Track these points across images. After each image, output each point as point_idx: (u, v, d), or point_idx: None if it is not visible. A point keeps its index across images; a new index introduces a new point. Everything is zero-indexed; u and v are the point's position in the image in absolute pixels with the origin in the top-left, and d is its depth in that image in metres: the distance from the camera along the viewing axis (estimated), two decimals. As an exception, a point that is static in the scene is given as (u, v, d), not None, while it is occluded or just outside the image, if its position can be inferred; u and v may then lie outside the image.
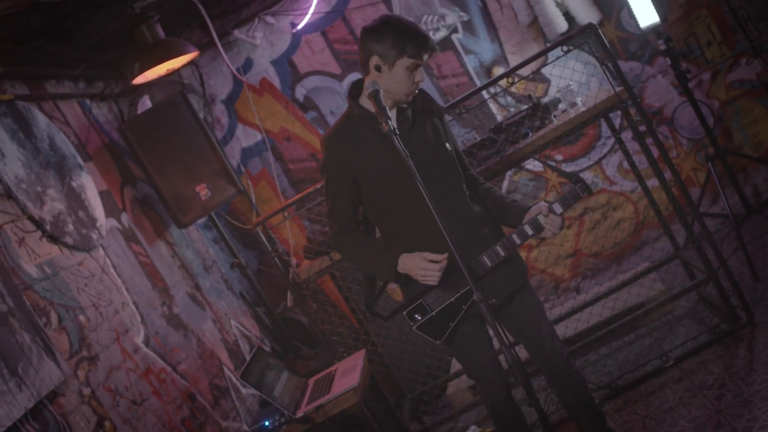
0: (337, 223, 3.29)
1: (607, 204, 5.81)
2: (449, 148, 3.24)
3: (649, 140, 4.60)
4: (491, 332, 2.91)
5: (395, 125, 2.88)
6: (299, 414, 3.71)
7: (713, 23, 5.62)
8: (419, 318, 3.17)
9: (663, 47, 5.10)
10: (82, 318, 3.67)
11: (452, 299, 3.14)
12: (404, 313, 3.20)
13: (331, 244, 3.42)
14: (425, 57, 3.06)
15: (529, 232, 3.10)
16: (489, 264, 3.14)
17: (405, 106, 3.21)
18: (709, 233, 4.38)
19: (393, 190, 3.15)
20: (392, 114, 3.19)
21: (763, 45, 5.58)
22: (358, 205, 3.29)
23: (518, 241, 3.13)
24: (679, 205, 4.50)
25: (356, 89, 3.26)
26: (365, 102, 3.19)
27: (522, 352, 3.65)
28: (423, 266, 3.06)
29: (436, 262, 3.06)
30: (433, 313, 3.15)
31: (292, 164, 5.83)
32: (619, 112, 5.14)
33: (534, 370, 4.49)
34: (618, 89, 4.22)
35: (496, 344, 3.22)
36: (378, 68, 3.07)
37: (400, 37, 3.02)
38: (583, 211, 5.82)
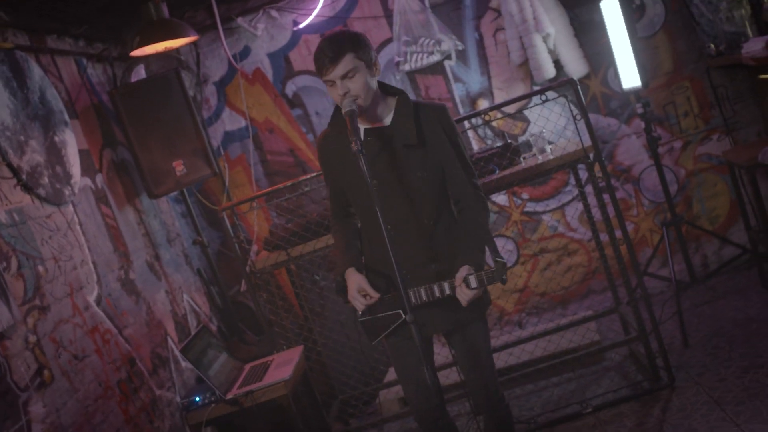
0: (331, 209, 3.52)
1: (563, 249, 6.03)
2: (424, 176, 3.22)
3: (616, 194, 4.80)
4: (437, 348, 3.01)
5: (360, 146, 3.02)
6: (229, 395, 3.88)
7: (693, 96, 5.85)
8: (363, 314, 3.35)
9: (640, 110, 5.34)
10: (40, 268, 3.82)
11: (396, 311, 3.26)
12: None
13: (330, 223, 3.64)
14: (327, 72, 3.09)
15: (447, 290, 3.17)
16: (424, 298, 3.21)
17: (383, 125, 3.25)
18: (647, 295, 4.60)
19: (359, 202, 3.31)
20: (362, 130, 3.27)
21: (735, 124, 5.83)
22: (345, 201, 3.46)
23: (437, 294, 3.19)
24: (623, 263, 4.70)
25: None
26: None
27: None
28: (353, 295, 3.24)
29: (365, 295, 3.22)
30: (377, 316, 3.34)
31: (271, 155, 6.00)
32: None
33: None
34: (586, 144, 4.43)
35: (440, 360, 3.37)
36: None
37: (314, 62, 3.14)
38: (539, 250, 6.04)
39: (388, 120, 3.26)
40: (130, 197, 5.20)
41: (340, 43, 3.09)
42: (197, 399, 3.92)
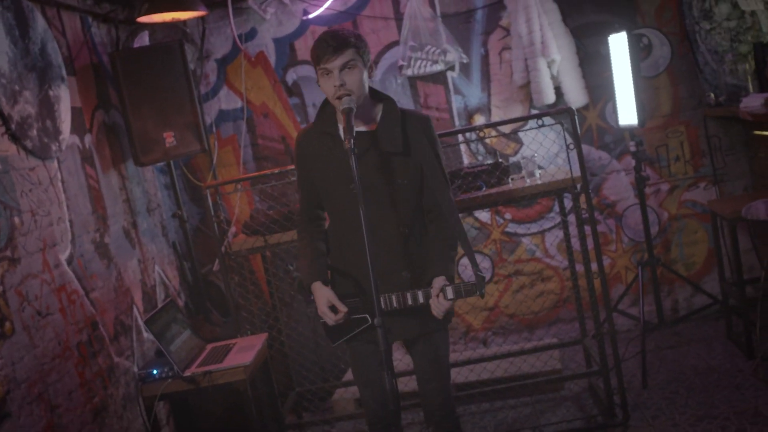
0: (301, 210, 3.48)
1: (538, 273, 6.06)
2: (404, 183, 3.24)
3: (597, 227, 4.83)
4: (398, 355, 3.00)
5: (337, 149, 3.03)
6: (187, 373, 3.87)
7: (686, 141, 5.89)
8: None
9: (633, 148, 5.37)
10: (16, 220, 3.79)
11: (361, 315, 3.27)
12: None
13: (298, 223, 3.59)
14: (327, 61, 3.07)
15: (421, 299, 3.18)
16: (394, 305, 3.22)
17: (368, 129, 3.24)
18: (614, 331, 4.62)
19: (336, 203, 3.30)
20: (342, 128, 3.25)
21: (724, 176, 5.87)
22: (318, 202, 3.44)
23: (410, 302, 3.21)
24: (595, 297, 4.72)
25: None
26: (334, 113, 3.29)
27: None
28: (323, 310, 3.22)
29: (335, 311, 3.22)
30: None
31: (262, 140, 5.99)
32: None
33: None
34: (575, 174, 4.46)
35: (401, 367, 3.35)
36: (317, 81, 3.21)
37: (312, 49, 3.13)
38: (514, 272, 6.06)
39: (374, 124, 3.26)
40: (116, 162, 5.18)
41: (344, 36, 3.11)
42: (155, 372, 3.91)
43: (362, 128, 3.23)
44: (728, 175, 5.90)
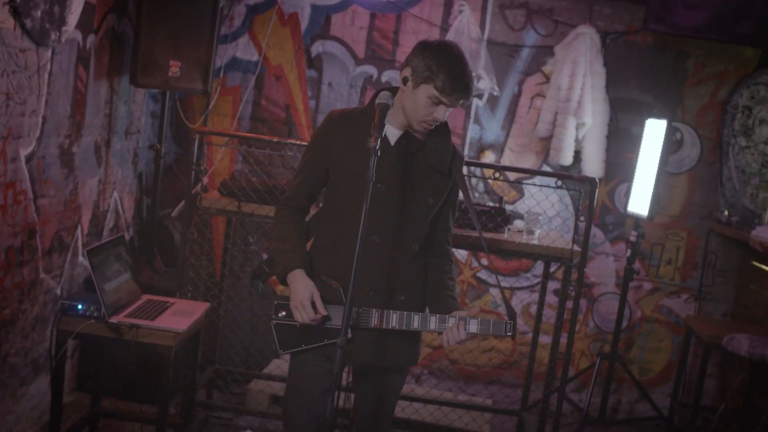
0: (290, 193, 3.10)
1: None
2: (430, 203, 2.97)
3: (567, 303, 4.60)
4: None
5: (381, 145, 2.74)
6: (113, 319, 3.52)
7: (684, 248, 5.69)
8: (283, 315, 2.95)
9: (633, 239, 5.14)
10: (-12, 98, 3.44)
11: (324, 325, 2.91)
12: (275, 301, 2.98)
13: (278, 207, 3.15)
14: (452, 100, 2.81)
15: (432, 325, 2.85)
16: (374, 323, 2.88)
17: (417, 138, 2.97)
18: (559, 414, 4.39)
19: (349, 200, 2.94)
20: (395, 133, 2.97)
21: (708, 295, 5.68)
22: (316, 193, 3.10)
23: (415, 324, 2.87)
24: (552, 373, 4.50)
25: (391, 91, 3.02)
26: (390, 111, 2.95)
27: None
28: (302, 303, 2.85)
29: (315, 310, 2.85)
30: (297, 324, 2.98)
31: (265, 101, 5.65)
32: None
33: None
34: (576, 247, 4.21)
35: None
36: (405, 81, 2.89)
37: (440, 65, 2.79)
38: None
39: (421, 134, 2.97)
40: (112, 73, 4.82)
41: (473, 81, 2.87)
42: (79, 307, 3.55)
43: (412, 132, 2.96)
44: (712, 296, 5.71)
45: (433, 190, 2.97)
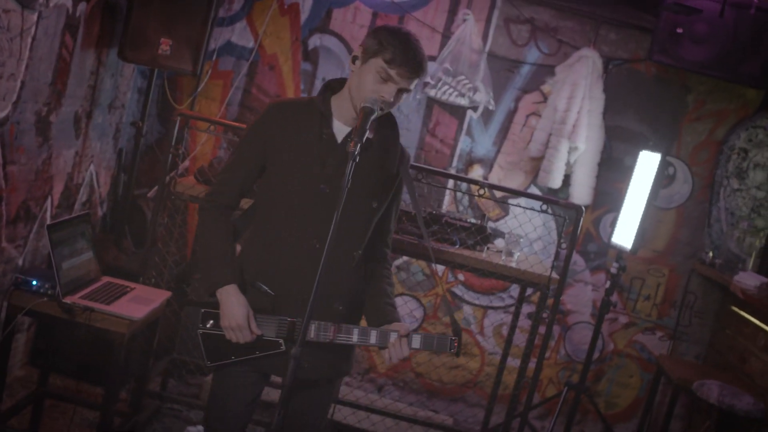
0: (218, 187, 2.88)
1: (464, 347, 5.67)
2: (374, 207, 2.80)
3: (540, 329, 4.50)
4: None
5: (325, 142, 2.65)
6: (67, 299, 3.38)
7: (664, 286, 5.59)
8: (211, 325, 2.75)
9: (613, 270, 5.00)
10: (-38, 56, 3.30)
11: (272, 338, 2.73)
12: (202, 310, 2.77)
13: (201, 205, 2.88)
14: (400, 73, 2.60)
15: (372, 339, 2.71)
16: (312, 336, 2.70)
17: (366, 139, 2.66)
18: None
19: (290, 200, 2.75)
20: (342, 129, 2.76)
21: (683, 335, 5.59)
22: (248, 189, 2.87)
23: (354, 338, 2.72)
24: (516, 398, 4.39)
25: (338, 84, 2.83)
26: (335, 102, 2.79)
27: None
28: (239, 325, 2.67)
29: (249, 331, 2.69)
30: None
31: (256, 90, 5.52)
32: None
33: None
34: (554, 275, 4.10)
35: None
36: (354, 59, 2.70)
37: (392, 39, 2.61)
38: (443, 331, 5.66)
39: (369, 133, 2.75)
40: (101, 44, 4.68)
41: (426, 60, 2.67)
42: (34, 283, 3.41)
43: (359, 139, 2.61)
44: (687, 336, 5.61)
45: (379, 193, 2.81)
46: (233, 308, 2.67)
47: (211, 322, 2.75)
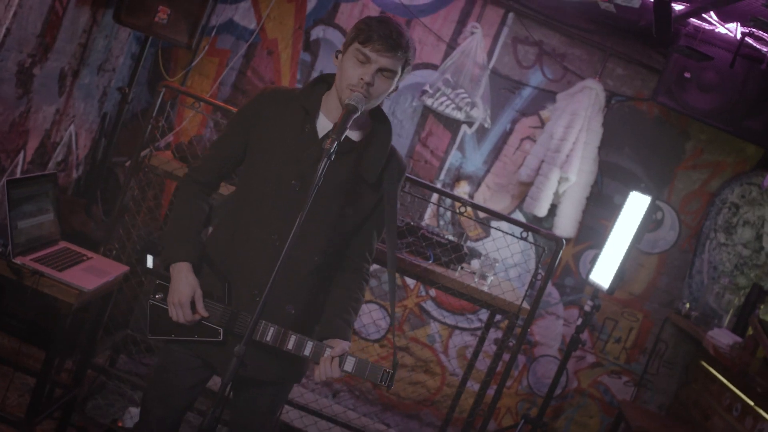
0: (199, 164, 2.82)
1: (425, 363, 5.54)
2: (348, 214, 2.69)
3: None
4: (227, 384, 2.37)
5: (307, 137, 2.57)
6: (18, 260, 3.23)
7: (636, 330, 5.48)
8: (160, 298, 2.68)
9: (587, 308, 4.89)
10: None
11: (213, 326, 2.65)
12: (157, 281, 2.70)
13: (181, 180, 2.85)
14: (375, 48, 2.50)
15: (306, 351, 2.59)
16: (267, 339, 2.61)
17: (351, 138, 2.66)
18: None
19: (262, 188, 2.67)
20: (326, 126, 2.66)
21: (648, 383, 5.48)
22: (228, 171, 2.81)
23: (290, 345, 2.60)
24: (471, 423, 4.27)
25: (332, 79, 2.71)
26: (326, 97, 2.70)
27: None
28: (181, 302, 2.60)
29: (190, 311, 2.60)
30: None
31: (251, 73, 5.39)
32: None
33: None
34: (525, 305, 3.98)
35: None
36: (337, 54, 2.62)
37: (364, 24, 2.56)
38: (404, 347, 5.53)
39: (356, 136, 2.68)
40: (97, 3, 4.54)
41: (405, 38, 2.56)
42: (-14, 238, 3.27)
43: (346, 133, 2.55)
44: (653, 384, 5.51)
45: (355, 201, 2.69)
46: (180, 285, 2.61)
47: (161, 295, 2.69)
